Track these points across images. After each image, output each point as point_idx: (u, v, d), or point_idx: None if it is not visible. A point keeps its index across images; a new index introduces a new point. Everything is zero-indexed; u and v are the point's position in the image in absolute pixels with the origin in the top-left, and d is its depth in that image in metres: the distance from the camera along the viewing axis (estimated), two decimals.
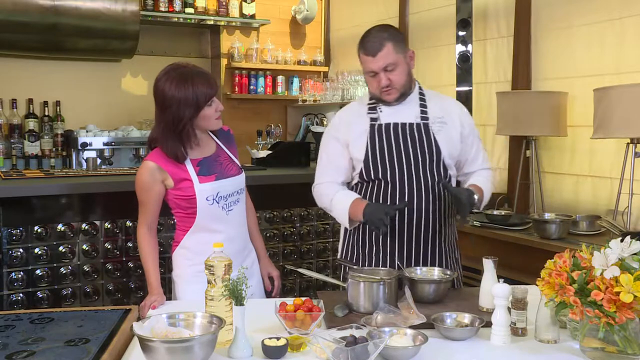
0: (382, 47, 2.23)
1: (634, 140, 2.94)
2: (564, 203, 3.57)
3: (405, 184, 2.29)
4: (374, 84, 2.29)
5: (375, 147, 2.31)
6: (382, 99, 2.32)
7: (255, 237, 2.50)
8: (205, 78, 2.16)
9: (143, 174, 2.19)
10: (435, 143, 2.31)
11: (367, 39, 2.27)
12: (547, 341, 1.73)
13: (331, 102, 5.10)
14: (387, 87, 2.27)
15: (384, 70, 2.25)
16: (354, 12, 5.55)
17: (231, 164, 2.32)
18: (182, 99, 2.11)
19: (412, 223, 2.29)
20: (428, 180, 2.29)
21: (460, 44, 3.92)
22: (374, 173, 2.31)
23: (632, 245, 1.54)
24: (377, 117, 2.35)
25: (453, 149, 2.35)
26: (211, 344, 1.53)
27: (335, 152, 2.40)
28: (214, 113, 2.19)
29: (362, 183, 2.38)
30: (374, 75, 2.27)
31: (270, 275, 2.50)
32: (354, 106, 2.48)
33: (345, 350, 1.47)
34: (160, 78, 2.16)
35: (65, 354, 1.57)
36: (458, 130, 2.37)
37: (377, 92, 2.30)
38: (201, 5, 5.21)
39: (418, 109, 2.35)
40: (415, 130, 2.32)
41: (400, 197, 2.28)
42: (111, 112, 5.19)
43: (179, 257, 2.29)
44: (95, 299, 3.07)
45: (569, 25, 3.51)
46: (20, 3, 4.35)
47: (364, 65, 2.29)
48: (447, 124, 2.35)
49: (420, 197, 2.28)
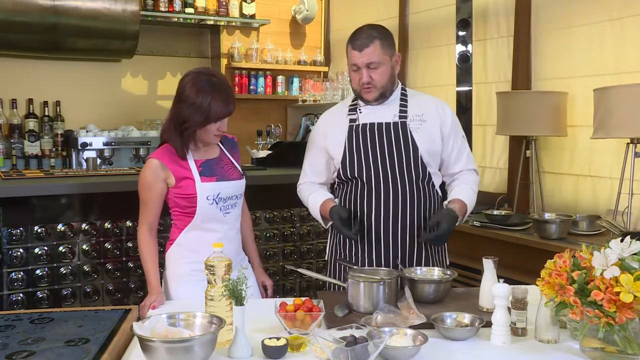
0: (370, 44, 2.25)
1: (634, 140, 2.94)
2: (564, 203, 3.57)
3: (381, 183, 2.30)
4: (355, 78, 2.31)
5: (352, 147, 2.34)
6: (362, 96, 2.33)
7: (250, 246, 2.52)
8: (226, 98, 2.18)
9: (146, 172, 2.23)
10: (412, 141, 2.31)
11: (357, 34, 2.30)
12: (547, 341, 1.73)
13: (331, 102, 5.10)
14: (367, 84, 2.28)
15: (367, 67, 2.26)
16: (354, 12, 5.56)
17: (233, 168, 2.35)
18: (196, 103, 2.15)
19: (389, 222, 2.29)
20: (405, 179, 2.30)
21: (460, 44, 3.91)
22: (350, 172, 2.34)
23: (632, 245, 1.54)
24: (356, 117, 2.37)
25: (432, 147, 2.34)
26: (211, 344, 1.53)
27: (314, 155, 2.48)
28: (216, 130, 2.22)
29: (340, 183, 2.41)
30: (356, 70, 2.29)
31: (264, 284, 2.50)
32: (337, 108, 2.52)
33: (345, 350, 1.47)
34: (188, 75, 2.22)
35: (65, 354, 1.57)
36: (438, 128, 2.36)
37: (358, 87, 2.32)
38: (201, 5, 5.21)
39: (397, 108, 2.36)
40: (392, 129, 2.33)
41: (377, 196, 2.30)
42: (111, 112, 5.19)
43: (173, 254, 2.30)
44: (95, 299, 3.07)
45: (569, 25, 3.51)
46: (20, 3, 4.35)
47: (349, 59, 2.31)
48: (427, 121, 2.35)
49: (397, 195, 2.29)
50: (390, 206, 2.29)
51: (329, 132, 2.42)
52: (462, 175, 2.43)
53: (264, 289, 2.49)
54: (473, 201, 2.36)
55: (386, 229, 2.30)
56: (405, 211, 2.29)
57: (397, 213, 2.29)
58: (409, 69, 4.73)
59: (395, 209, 2.29)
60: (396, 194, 2.29)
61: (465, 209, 2.31)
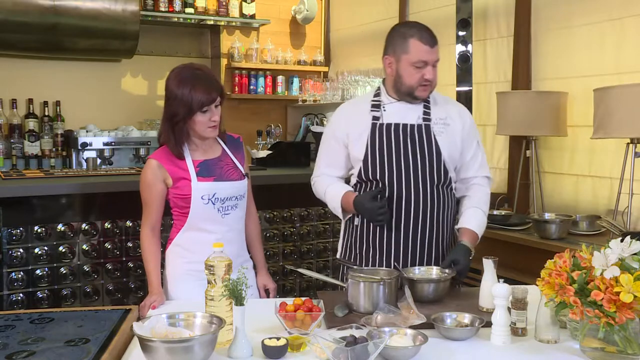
0: (436, 40, 2.22)
1: (634, 140, 2.94)
2: (564, 203, 3.56)
3: (402, 187, 2.27)
4: (416, 76, 2.23)
5: (375, 147, 2.30)
6: (416, 93, 2.26)
7: (256, 248, 2.48)
8: (207, 85, 2.16)
9: (146, 172, 2.24)
10: (436, 145, 2.28)
11: (422, 29, 2.24)
12: (547, 341, 1.73)
13: (331, 102, 5.10)
14: (428, 81, 2.24)
15: (433, 65, 2.23)
16: (354, 12, 5.55)
17: (233, 169, 2.32)
18: (178, 96, 2.15)
19: (409, 224, 2.27)
20: (427, 183, 2.27)
21: (460, 44, 3.91)
22: (372, 174, 2.30)
23: (632, 245, 1.54)
24: (379, 115, 2.32)
25: (454, 151, 2.33)
26: (211, 344, 1.53)
27: (332, 148, 2.42)
28: (207, 122, 2.18)
29: (359, 183, 2.37)
30: (422, 66, 2.22)
31: (266, 287, 2.45)
32: (357, 102, 2.46)
33: (345, 350, 1.47)
34: (172, 72, 2.23)
35: (65, 354, 1.57)
36: (459, 133, 2.34)
37: (416, 84, 2.24)
38: (201, 5, 5.21)
39: (422, 110, 2.32)
40: (417, 131, 2.29)
41: (397, 200, 2.26)
42: (111, 112, 5.19)
43: (171, 254, 2.31)
44: (95, 299, 3.07)
45: (569, 25, 3.51)
46: (20, 3, 4.35)
47: (413, 54, 2.21)
48: (450, 125, 2.33)
49: (418, 199, 2.27)
50: (411, 210, 2.26)
51: (351, 127, 2.35)
52: (474, 189, 2.39)
53: (266, 292, 2.44)
54: (484, 225, 2.35)
55: (406, 233, 2.28)
56: (426, 216, 2.27)
57: (418, 217, 2.27)
58: None
59: (416, 213, 2.26)
60: (417, 198, 2.26)
61: (477, 239, 2.29)
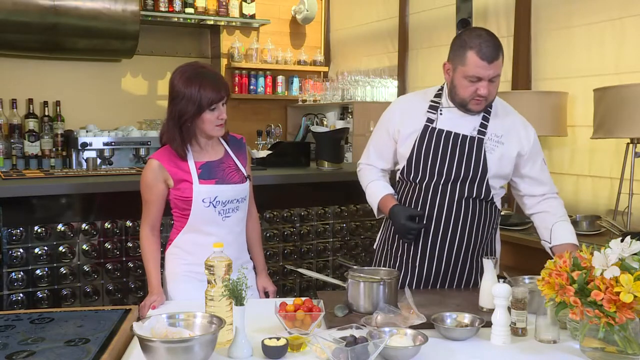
0: (498, 55, 2.09)
1: (634, 140, 2.94)
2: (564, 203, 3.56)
3: (438, 195, 2.22)
4: (470, 89, 2.13)
5: (421, 149, 2.25)
6: (469, 106, 2.18)
7: (257, 251, 2.48)
8: (215, 83, 2.16)
9: (147, 172, 2.23)
10: (484, 162, 2.21)
11: (483, 40, 2.09)
12: (547, 341, 1.73)
13: (331, 102, 5.10)
14: (482, 97, 2.13)
15: (490, 80, 2.11)
16: (354, 12, 5.55)
17: (235, 171, 2.31)
18: (187, 94, 2.13)
19: (447, 236, 2.24)
20: (465, 196, 2.22)
21: None
22: (413, 175, 2.27)
23: (632, 245, 1.54)
24: (434, 118, 2.26)
25: (501, 171, 2.25)
26: (211, 344, 1.53)
27: (383, 139, 2.39)
28: (216, 120, 2.18)
29: (401, 181, 2.35)
30: (476, 81, 2.11)
31: (266, 290, 2.45)
32: (416, 98, 2.39)
33: (345, 350, 1.47)
34: (176, 71, 2.21)
35: (65, 354, 1.57)
36: (514, 154, 2.25)
37: (468, 98, 2.15)
38: (201, 5, 5.21)
39: (479, 122, 2.23)
40: (468, 143, 2.22)
41: (438, 208, 2.22)
42: (111, 112, 5.19)
43: (170, 255, 2.30)
44: (95, 299, 3.07)
45: (569, 25, 3.51)
46: (20, 3, 4.36)
47: (469, 67, 2.10)
48: (504, 144, 2.23)
49: (452, 210, 2.22)
50: (450, 221, 2.22)
51: (404, 124, 2.30)
52: (549, 203, 2.33)
53: (266, 295, 2.43)
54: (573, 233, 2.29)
55: (442, 242, 2.25)
56: (458, 227, 2.23)
57: (457, 229, 2.23)
58: (409, 69, 4.73)
59: (455, 224, 2.23)
60: (451, 209, 2.22)
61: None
